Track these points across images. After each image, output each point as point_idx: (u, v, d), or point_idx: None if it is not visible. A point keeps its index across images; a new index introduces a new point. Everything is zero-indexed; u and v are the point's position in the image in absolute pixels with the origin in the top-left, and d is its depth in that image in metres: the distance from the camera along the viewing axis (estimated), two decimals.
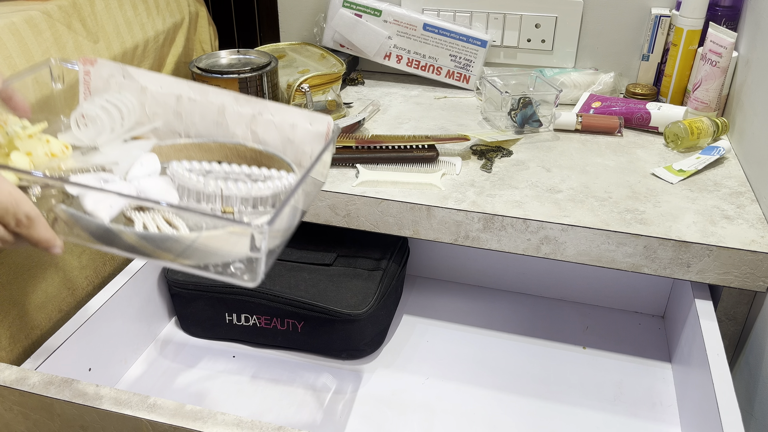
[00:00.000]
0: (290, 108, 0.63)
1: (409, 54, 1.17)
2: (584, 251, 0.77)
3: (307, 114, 0.62)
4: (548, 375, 0.85)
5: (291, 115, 0.63)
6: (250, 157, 0.64)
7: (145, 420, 0.61)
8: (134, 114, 0.64)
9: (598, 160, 0.92)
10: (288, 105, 0.64)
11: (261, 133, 0.63)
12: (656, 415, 0.79)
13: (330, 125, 0.62)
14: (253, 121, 0.64)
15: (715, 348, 0.71)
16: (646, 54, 1.11)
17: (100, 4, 0.91)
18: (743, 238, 0.74)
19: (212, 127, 0.64)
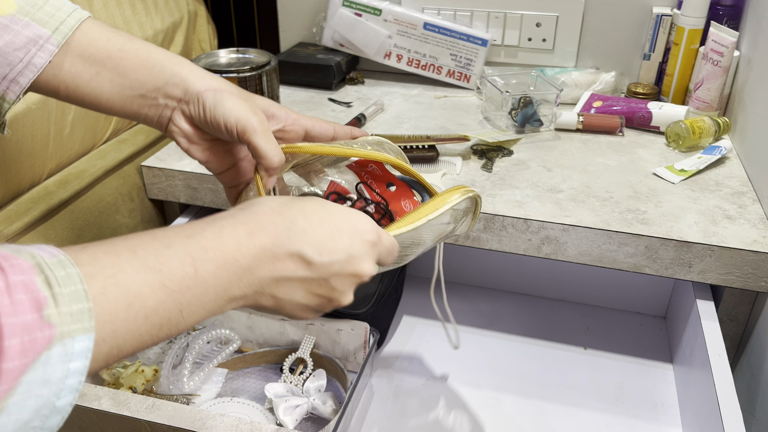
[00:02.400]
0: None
1: (410, 53, 1.17)
2: (585, 251, 0.77)
3: (348, 322, 0.79)
4: (549, 376, 0.85)
5: (335, 324, 0.80)
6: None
7: (144, 421, 0.61)
8: (236, 343, 0.79)
9: (599, 159, 0.92)
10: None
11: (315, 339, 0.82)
12: (657, 416, 0.79)
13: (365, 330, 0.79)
14: (306, 328, 0.81)
15: (716, 349, 0.70)
16: (647, 53, 1.11)
17: (98, 4, 0.91)
18: (745, 238, 0.74)
19: (276, 336, 0.83)
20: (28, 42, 0.51)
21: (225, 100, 0.52)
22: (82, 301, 0.32)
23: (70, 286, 0.32)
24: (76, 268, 0.33)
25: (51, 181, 0.84)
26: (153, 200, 0.97)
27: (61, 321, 0.31)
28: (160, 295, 0.36)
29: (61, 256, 0.33)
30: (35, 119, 0.77)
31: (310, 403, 0.74)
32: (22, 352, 0.29)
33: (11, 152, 0.76)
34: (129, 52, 0.54)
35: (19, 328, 0.29)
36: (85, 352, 0.32)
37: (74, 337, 0.31)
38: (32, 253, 0.32)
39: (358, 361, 0.81)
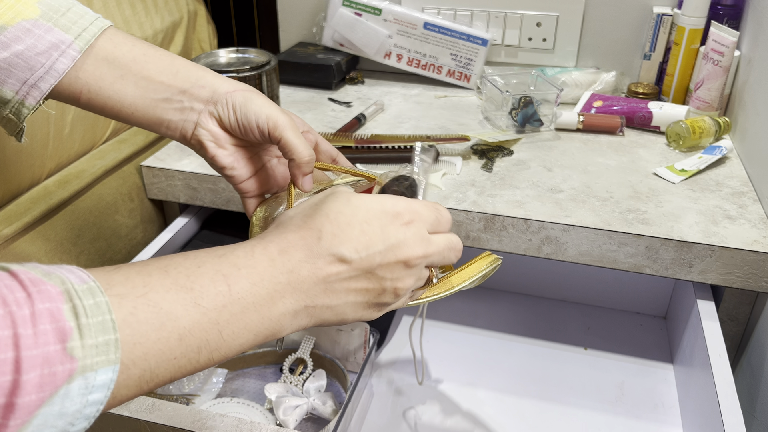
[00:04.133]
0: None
1: (410, 53, 1.16)
2: (586, 251, 0.77)
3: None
4: (549, 376, 0.85)
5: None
6: None
7: (143, 421, 0.61)
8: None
9: (599, 159, 0.92)
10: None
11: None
12: (658, 416, 0.79)
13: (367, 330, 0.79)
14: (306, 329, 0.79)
15: (717, 349, 0.70)
16: (647, 53, 1.11)
17: (98, 3, 0.91)
18: (745, 238, 0.74)
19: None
20: (51, 47, 0.50)
21: (254, 98, 0.53)
22: (109, 332, 0.31)
23: (97, 316, 0.31)
24: (105, 297, 0.32)
25: (50, 181, 0.84)
26: (153, 200, 0.97)
27: (85, 354, 0.30)
28: (194, 315, 0.36)
29: (91, 282, 0.32)
30: (35, 119, 0.77)
31: (310, 403, 0.74)
32: (39, 386, 0.28)
33: (11, 152, 0.76)
34: (153, 57, 0.54)
35: (39, 360, 0.28)
36: (107, 384, 0.31)
37: (97, 370, 0.31)
38: (62, 278, 0.32)
39: (358, 361, 0.81)
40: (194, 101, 0.53)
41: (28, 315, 0.29)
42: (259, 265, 0.40)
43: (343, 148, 0.89)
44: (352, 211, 0.43)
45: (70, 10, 0.52)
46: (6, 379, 0.27)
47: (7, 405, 0.28)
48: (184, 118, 0.54)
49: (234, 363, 0.81)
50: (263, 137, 0.53)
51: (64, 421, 0.30)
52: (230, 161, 0.55)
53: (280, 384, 0.76)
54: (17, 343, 0.28)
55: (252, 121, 0.52)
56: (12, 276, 0.30)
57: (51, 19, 0.51)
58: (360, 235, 0.42)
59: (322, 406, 0.75)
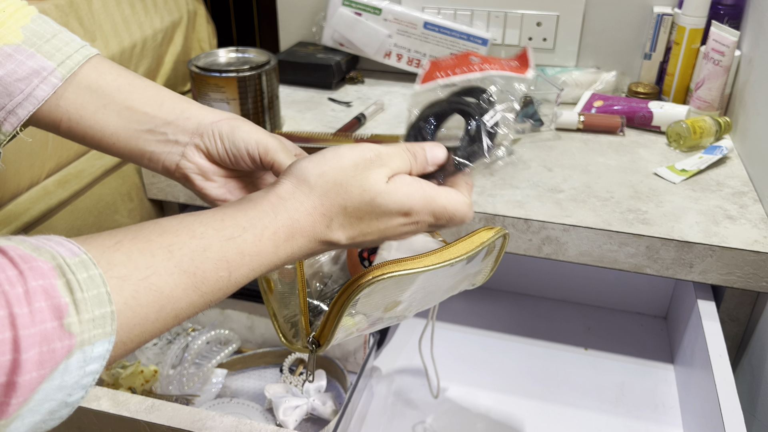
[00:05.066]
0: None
1: (410, 53, 1.16)
2: (586, 252, 0.77)
3: None
4: (550, 376, 0.85)
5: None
6: None
7: (143, 422, 0.61)
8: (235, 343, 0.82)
9: (600, 159, 0.92)
10: None
11: None
12: (658, 416, 0.79)
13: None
14: None
15: (717, 349, 0.70)
16: (648, 53, 1.11)
17: (97, 3, 0.90)
18: (746, 238, 0.74)
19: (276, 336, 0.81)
20: (32, 73, 0.49)
21: (241, 125, 0.52)
22: (105, 305, 0.31)
23: (92, 289, 0.31)
24: (98, 269, 0.32)
25: (50, 181, 0.84)
26: (152, 200, 0.97)
27: (82, 329, 0.30)
28: (192, 297, 0.36)
29: (82, 255, 0.32)
30: None
31: (309, 403, 0.74)
32: (39, 363, 0.29)
33: (10, 152, 0.75)
34: (139, 87, 0.53)
35: (38, 338, 0.28)
36: (103, 355, 0.32)
37: (94, 343, 0.31)
38: (53, 252, 0.31)
39: (358, 361, 0.80)
40: (179, 133, 0.52)
41: (22, 293, 0.29)
42: (263, 252, 0.40)
43: None
44: (368, 209, 0.43)
45: (56, 37, 0.51)
46: (6, 358, 0.28)
47: (8, 384, 0.28)
48: (168, 150, 0.53)
49: (234, 363, 0.81)
50: (255, 163, 0.52)
51: (62, 393, 0.30)
52: (220, 193, 0.54)
53: (279, 384, 0.76)
54: (14, 323, 0.28)
55: (241, 149, 0.51)
56: (1, 253, 0.30)
57: (34, 45, 0.50)
58: (361, 226, 0.43)
59: (322, 406, 0.74)
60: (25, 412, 0.29)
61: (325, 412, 0.75)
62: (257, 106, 0.93)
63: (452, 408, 0.80)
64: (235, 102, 0.91)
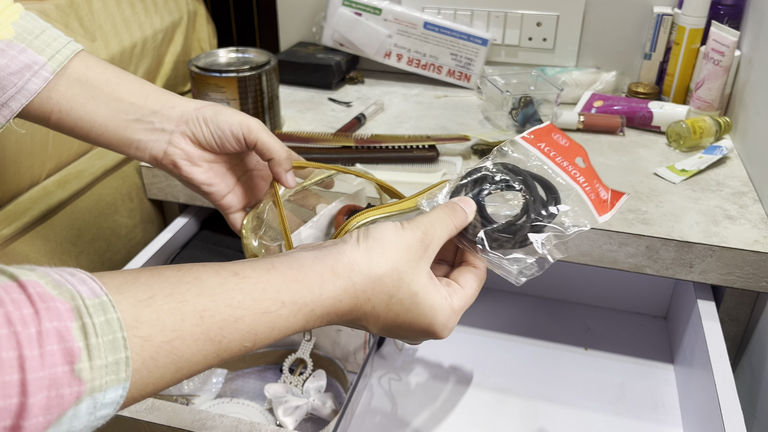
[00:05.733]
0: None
1: (410, 53, 1.16)
2: (586, 252, 0.77)
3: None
4: (549, 376, 0.85)
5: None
6: None
7: (143, 422, 0.61)
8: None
9: (600, 159, 0.92)
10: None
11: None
12: (658, 416, 0.79)
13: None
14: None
15: (717, 349, 0.70)
16: (648, 53, 1.11)
17: (97, 3, 0.90)
18: (746, 238, 0.74)
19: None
20: (24, 67, 0.51)
21: (223, 109, 0.55)
22: (120, 351, 0.31)
23: (108, 334, 0.30)
24: (117, 313, 0.31)
25: (50, 181, 0.84)
26: (152, 200, 0.97)
27: (93, 376, 0.29)
28: (211, 362, 0.36)
29: (103, 296, 0.31)
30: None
31: (309, 403, 0.74)
32: (46, 409, 0.28)
33: (10, 152, 0.75)
34: (125, 79, 0.55)
35: (46, 382, 0.28)
36: (115, 401, 0.31)
37: (105, 390, 0.30)
38: (72, 293, 0.30)
39: (358, 361, 0.81)
40: (165, 122, 0.55)
41: (35, 334, 0.28)
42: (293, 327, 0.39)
43: (343, 148, 0.89)
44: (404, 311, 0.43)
45: (44, 33, 0.53)
46: (12, 401, 0.27)
47: (14, 427, 0.27)
48: (155, 138, 0.55)
49: (234, 363, 0.81)
50: (239, 144, 0.55)
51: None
52: (206, 177, 0.57)
53: (279, 384, 0.76)
54: (23, 365, 0.27)
55: (226, 130, 0.55)
56: (21, 288, 0.29)
57: (25, 40, 0.51)
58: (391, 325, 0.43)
59: (322, 406, 0.74)
60: None
61: (325, 412, 0.75)
62: (257, 106, 0.93)
63: (452, 408, 0.80)
64: (235, 102, 0.91)
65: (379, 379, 0.84)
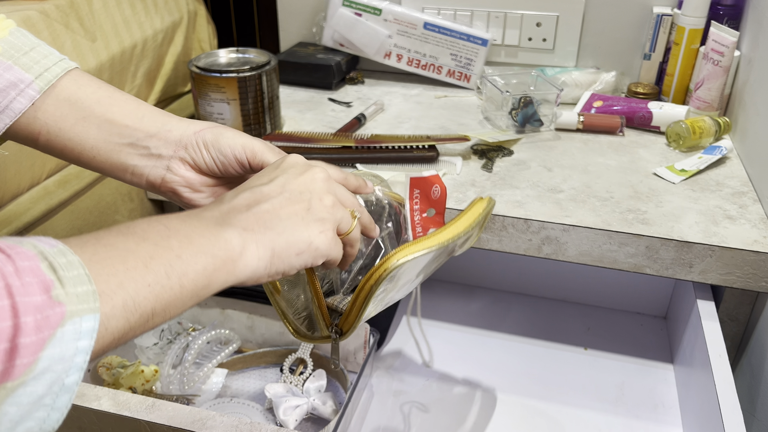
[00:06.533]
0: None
1: (410, 53, 1.16)
2: (586, 251, 0.77)
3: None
4: (549, 376, 0.85)
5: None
6: None
7: (143, 421, 0.61)
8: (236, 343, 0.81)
9: (599, 159, 0.92)
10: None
11: None
12: (658, 416, 0.79)
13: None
14: None
15: (717, 349, 0.70)
16: (647, 53, 1.11)
17: (97, 3, 0.91)
18: (746, 238, 0.74)
19: (276, 336, 0.85)
20: (9, 86, 0.48)
21: (224, 132, 0.51)
22: (86, 284, 0.33)
23: (72, 270, 0.32)
24: (75, 256, 0.33)
25: (50, 181, 0.84)
26: (152, 200, 0.97)
27: (69, 300, 0.31)
28: (148, 248, 0.37)
29: (60, 246, 0.34)
30: None
31: (310, 403, 0.74)
32: (37, 329, 0.30)
33: (11, 152, 0.76)
34: (119, 100, 0.52)
35: (32, 307, 0.30)
36: (91, 332, 0.32)
37: (82, 316, 0.32)
38: (33, 243, 0.33)
39: (358, 361, 0.81)
40: (161, 147, 0.51)
41: (13, 270, 0.30)
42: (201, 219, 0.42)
43: (343, 148, 0.89)
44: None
45: (34, 50, 0.50)
46: (6, 324, 0.29)
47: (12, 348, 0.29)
48: (152, 164, 0.51)
49: (234, 363, 0.81)
50: (243, 168, 0.52)
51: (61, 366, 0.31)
52: (209, 202, 0.53)
53: (280, 384, 0.76)
54: (10, 292, 0.29)
55: (229, 155, 0.51)
56: None
57: (12, 57, 0.49)
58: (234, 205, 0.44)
59: (322, 405, 0.75)
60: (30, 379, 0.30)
61: (325, 412, 0.75)
62: (257, 106, 0.93)
63: (452, 407, 0.80)
64: (236, 102, 0.91)
65: (379, 379, 0.84)
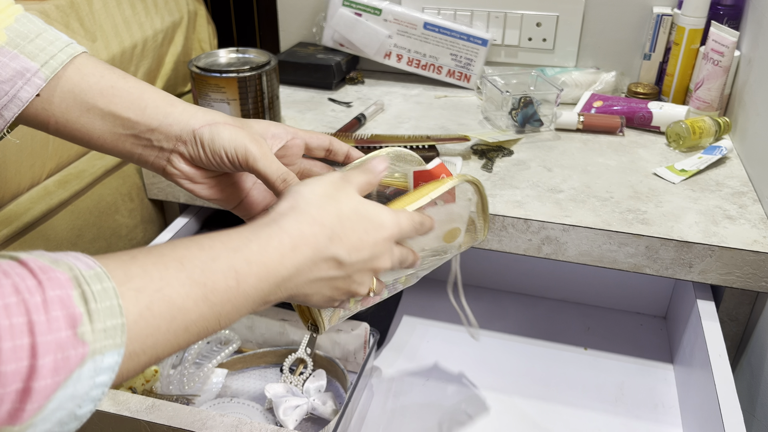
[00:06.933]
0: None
1: (410, 53, 1.16)
2: (586, 251, 0.77)
3: (348, 322, 0.79)
4: (549, 376, 0.85)
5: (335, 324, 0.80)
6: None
7: (143, 421, 0.61)
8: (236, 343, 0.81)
9: (599, 159, 0.92)
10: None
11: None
12: (658, 416, 0.79)
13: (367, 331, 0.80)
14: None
15: (717, 349, 0.70)
16: (647, 53, 1.11)
17: (98, 3, 0.91)
18: (745, 238, 0.74)
19: (276, 336, 0.84)
20: (15, 75, 0.49)
21: (221, 131, 0.52)
22: (116, 317, 0.32)
23: (105, 301, 0.32)
24: (111, 282, 0.33)
25: (51, 181, 0.84)
26: (153, 200, 0.97)
27: (95, 338, 0.31)
28: (202, 308, 0.37)
29: (97, 268, 0.33)
30: None
31: (310, 403, 0.74)
32: (54, 370, 0.29)
33: (11, 152, 0.76)
34: (122, 90, 0.52)
35: (53, 345, 0.29)
36: (112, 367, 0.32)
37: (104, 353, 0.32)
38: (70, 265, 0.32)
39: (358, 361, 0.81)
40: (163, 140, 0.53)
41: (40, 302, 0.30)
42: (269, 261, 0.41)
43: None
44: (358, 219, 0.46)
45: (39, 37, 0.50)
46: (23, 364, 0.28)
47: (24, 390, 0.28)
48: (155, 154, 0.54)
49: (234, 363, 0.81)
50: (236, 168, 0.53)
51: (73, 403, 0.31)
52: (211, 193, 0.56)
53: (280, 384, 0.76)
54: (32, 330, 0.29)
55: (222, 156, 0.52)
56: (21, 264, 0.31)
57: (17, 45, 0.49)
58: (358, 242, 0.46)
59: (322, 406, 0.75)
60: (38, 420, 0.29)
61: (325, 412, 0.75)
62: (257, 106, 0.93)
63: (452, 407, 0.80)
64: (236, 102, 0.91)
65: (379, 379, 0.84)
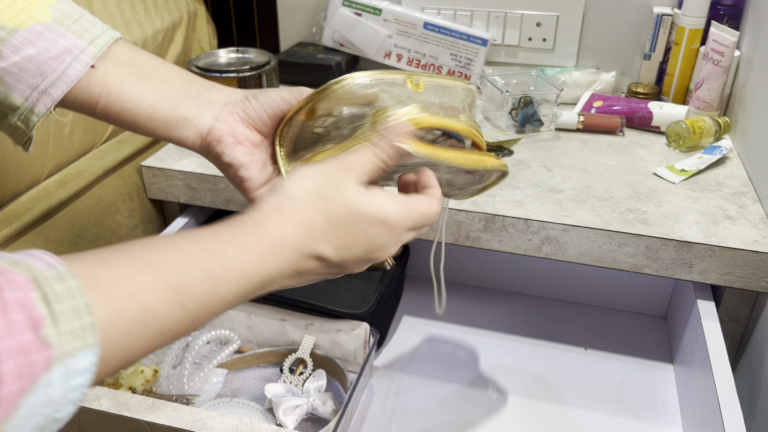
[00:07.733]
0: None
1: (410, 53, 1.16)
2: (586, 251, 0.77)
3: (348, 323, 0.80)
4: (549, 376, 0.85)
5: (335, 324, 0.80)
6: None
7: (143, 422, 0.61)
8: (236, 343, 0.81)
9: (599, 159, 0.92)
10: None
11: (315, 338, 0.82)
12: (658, 416, 0.79)
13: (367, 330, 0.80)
14: (306, 329, 0.82)
15: (717, 349, 0.70)
16: (647, 53, 1.11)
17: (97, 3, 0.91)
18: (745, 238, 0.74)
19: (276, 336, 0.84)
20: (64, 52, 0.49)
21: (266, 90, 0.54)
22: (83, 317, 0.31)
23: (69, 301, 0.31)
24: (76, 281, 0.32)
25: (50, 181, 0.84)
26: (153, 200, 0.97)
27: (61, 341, 0.30)
28: (176, 313, 0.36)
29: (60, 267, 0.32)
30: None
31: (309, 403, 0.74)
32: (18, 376, 0.28)
33: (11, 152, 0.76)
34: (169, 65, 0.55)
35: (15, 350, 0.28)
36: (88, 367, 0.31)
37: (76, 355, 0.30)
38: (29, 266, 0.31)
39: (358, 361, 0.81)
40: (213, 100, 0.54)
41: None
42: (249, 266, 0.39)
43: None
44: (352, 216, 0.43)
45: (83, 18, 0.51)
46: None
47: None
48: (203, 114, 0.53)
49: (234, 363, 0.81)
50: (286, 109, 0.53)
51: (49, 408, 0.30)
52: (247, 159, 0.54)
53: (280, 384, 0.76)
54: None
55: (277, 98, 0.52)
56: None
57: (64, 24, 0.50)
58: (345, 237, 0.43)
59: (322, 406, 0.75)
60: (10, 428, 0.28)
61: (325, 412, 0.75)
62: None
63: (452, 407, 0.80)
64: None
65: (379, 379, 0.84)
